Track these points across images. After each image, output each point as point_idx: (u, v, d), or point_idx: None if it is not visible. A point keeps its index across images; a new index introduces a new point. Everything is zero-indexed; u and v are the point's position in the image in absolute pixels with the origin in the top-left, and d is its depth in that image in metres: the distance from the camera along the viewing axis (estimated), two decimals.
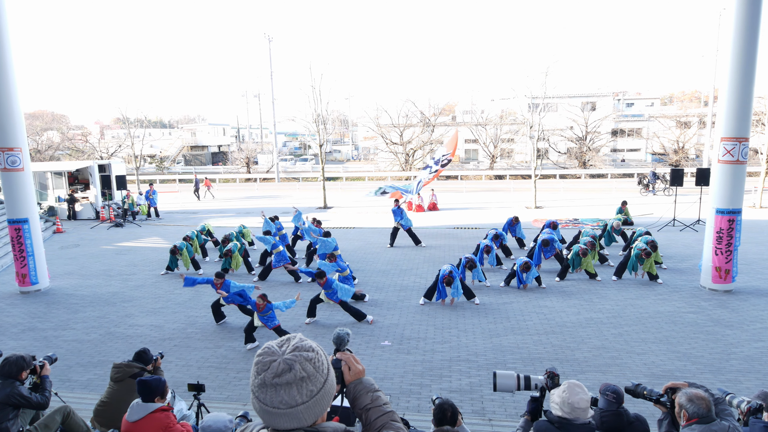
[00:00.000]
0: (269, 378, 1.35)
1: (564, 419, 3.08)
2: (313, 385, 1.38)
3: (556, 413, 3.13)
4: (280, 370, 1.35)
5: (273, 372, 1.35)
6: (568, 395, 3.09)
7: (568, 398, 3.08)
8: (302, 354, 1.39)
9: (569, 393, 3.10)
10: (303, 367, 1.37)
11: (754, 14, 9.31)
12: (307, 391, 1.37)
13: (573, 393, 3.09)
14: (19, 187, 11.10)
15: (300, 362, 1.37)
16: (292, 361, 1.36)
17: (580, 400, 3.06)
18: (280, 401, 1.35)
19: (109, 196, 22.06)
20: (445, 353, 7.79)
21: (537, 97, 25.52)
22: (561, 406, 3.10)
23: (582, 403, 3.06)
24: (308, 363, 1.38)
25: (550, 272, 11.84)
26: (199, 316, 9.62)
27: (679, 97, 68.38)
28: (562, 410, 3.09)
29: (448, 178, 39.32)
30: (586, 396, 3.10)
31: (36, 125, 47.17)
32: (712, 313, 9.16)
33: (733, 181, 9.92)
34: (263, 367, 1.37)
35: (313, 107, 25.79)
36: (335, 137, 68.56)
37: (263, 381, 1.35)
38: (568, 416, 3.06)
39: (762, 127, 25.53)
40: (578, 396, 3.08)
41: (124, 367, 4.81)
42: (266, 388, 1.35)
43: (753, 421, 3.16)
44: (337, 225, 19.35)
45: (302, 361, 1.37)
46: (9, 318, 9.78)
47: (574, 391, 3.10)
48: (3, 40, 10.45)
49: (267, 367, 1.36)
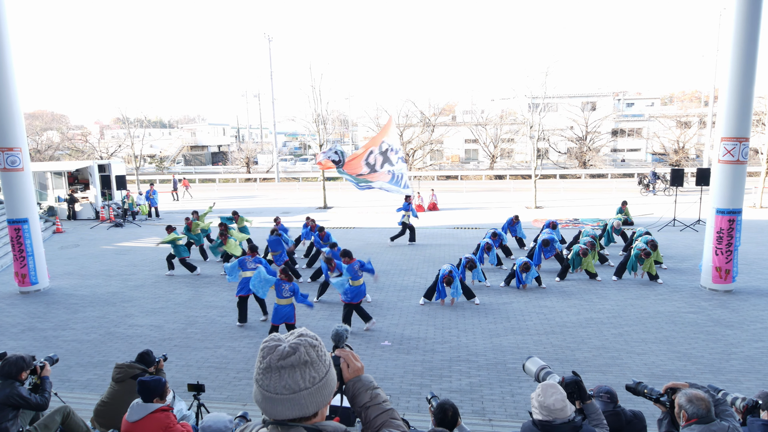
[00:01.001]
0: (274, 360, 1.37)
1: (545, 422, 3.05)
2: (315, 372, 1.40)
3: (537, 417, 3.10)
4: (286, 352, 1.38)
5: (279, 354, 1.38)
6: (543, 398, 3.06)
7: (544, 401, 3.05)
8: (307, 339, 1.43)
9: (544, 396, 3.07)
10: (307, 352, 1.40)
11: (754, 14, 9.31)
12: (310, 377, 1.39)
13: (547, 395, 3.05)
14: (18, 187, 11.09)
15: (305, 346, 1.40)
16: (297, 344, 1.40)
17: (556, 401, 3.03)
18: (284, 386, 1.36)
19: (109, 196, 22.06)
20: (445, 353, 7.78)
21: (537, 97, 25.52)
22: (539, 410, 3.07)
23: (558, 403, 3.02)
24: (312, 349, 1.41)
25: (550, 272, 11.84)
26: (199, 316, 9.61)
27: (680, 97, 68.38)
28: (541, 413, 3.07)
29: (449, 178, 39.33)
30: (560, 395, 3.06)
31: (36, 125, 47.21)
32: (713, 313, 9.15)
33: (733, 181, 9.92)
34: (269, 351, 1.40)
35: (313, 107, 25.82)
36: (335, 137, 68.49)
37: (269, 364, 1.38)
38: (548, 418, 3.04)
39: (762, 127, 25.52)
40: (553, 397, 3.04)
41: (126, 368, 4.80)
42: (271, 372, 1.37)
43: (751, 420, 3.16)
44: (337, 225, 19.36)
45: (307, 345, 1.41)
46: (9, 318, 9.78)
47: (548, 393, 3.06)
48: (3, 40, 10.45)
49: (273, 350, 1.39)
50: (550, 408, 3.03)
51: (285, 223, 15.26)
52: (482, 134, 42.23)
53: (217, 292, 11.09)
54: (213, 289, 11.39)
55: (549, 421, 3.04)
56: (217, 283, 11.88)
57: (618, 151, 46.15)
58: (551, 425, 3.03)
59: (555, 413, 3.03)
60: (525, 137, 41.48)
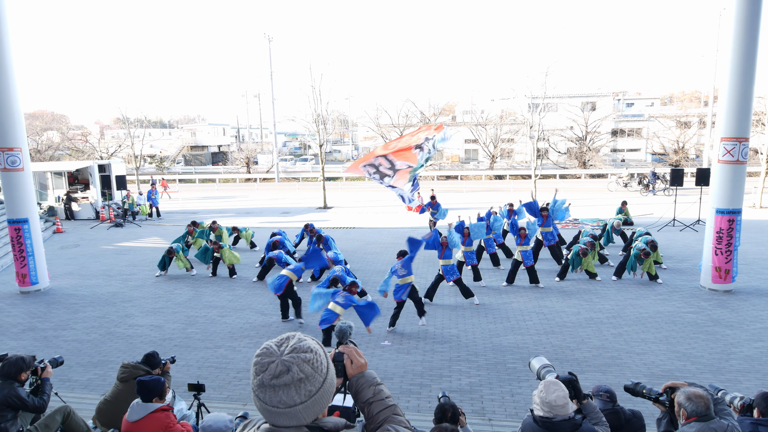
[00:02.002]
0: (267, 379, 1.35)
1: (546, 418, 3.11)
2: (311, 386, 1.38)
3: (538, 413, 3.16)
4: (278, 371, 1.35)
5: (271, 374, 1.35)
6: (545, 394, 3.12)
7: (546, 397, 3.11)
8: (300, 356, 1.38)
9: (546, 392, 3.13)
10: (301, 369, 1.36)
11: (754, 14, 9.31)
12: (306, 391, 1.37)
13: (549, 392, 3.12)
14: (19, 187, 11.10)
15: (298, 364, 1.36)
16: (289, 363, 1.36)
17: (557, 398, 3.08)
18: (279, 401, 1.35)
19: (109, 196, 22.07)
20: (445, 353, 7.79)
21: (537, 97, 25.56)
22: (541, 406, 3.14)
23: (559, 400, 3.08)
24: (306, 364, 1.38)
25: (550, 272, 11.84)
26: (199, 316, 9.62)
27: (679, 97, 68.34)
28: (542, 410, 3.13)
29: (449, 178, 39.33)
30: (562, 392, 3.12)
31: (36, 125, 47.17)
32: (712, 313, 9.16)
33: (733, 181, 9.92)
34: (261, 368, 1.37)
35: (313, 107, 25.82)
36: (335, 137, 68.50)
37: (262, 382, 1.36)
38: (549, 414, 3.09)
39: (762, 127, 25.53)
40: (554, 394, 3.10)
41: (131, 369, 4.79)
42: (265, 389, 1.36)
43: (740, 419, 3.18)
44: (337, 225, 19.36)
45: (300, 362, 1.37)
46: (9, 318, 9.78)
47: (550, 390, 3.12)
48: (3, 40, 10.46)
49: (265, 368, 1.36)
50: (552, 404, 3.06)
51: (285, 223, 15.28)
52: (482, 134, 42.22)
53: (217, 292, 11.10)
54: (213, 289, 11.40)
55: (549, 418, 3.07)
56: (217, 283, 11.88)
57: (618, 151, 46.14)
58: (551, 422, 3.07)
59: (556, 410, 3.06)
60: (525, 137, 41.48)
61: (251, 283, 11.79)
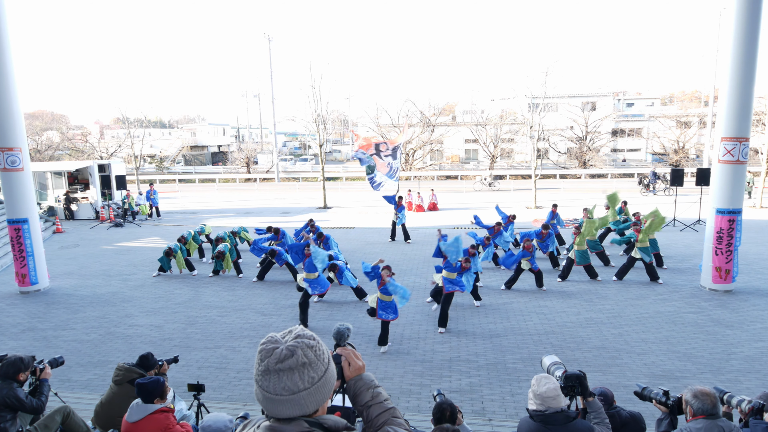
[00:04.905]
0: (272, 364, 1.38)
1: (538, 411, 3.19)
2: (314, 372, 1.41)
3: (531, 407, 3.25)
4: (283, 355, 1.38)
5: (276, 358, 1.38)
6: (537, 387, 3.22)
7: (537, 390, 3.21)
8: (304, 341, 1.43)
9: (537, 385, 3.23)
10: (305, 353, 1.40)
11: (754, 14, 9.31)
12: (309, 377, 1.40)
13: (540, 384, 3.22)
14: (18, 187, 11.09)
15: (302, 348, 1.40)
16: (294, 347, 1.40)
17: (548, 390, 3.18)
18: (283, 387, 1.38)
19: (109, 196, 22.07)
20: (445, 353, 7.78)
21: (537, 97, 25.52)
22: (534, 400, 3.23)
23: (550, 392, 3.18)
24: (310, 350, 1.42)
25: (550, 272, 11.84)
26: (199, 316, 9.61)
27: (679, 97, 68.34)
28: (535, 403, 3.22)
29: (449, 178, 39.32)
30: (553, 385, 3.21)
31: (36, 125, 47.19)
32: (712, 313, 9.15)
33: (733, 181, 9.92)
34: (267, 353, 1.40)
35: (313, 107, 25.82)
36: (335, 137, 68.53)
37: (267, 367, 1.39)
38: (541, 407, 3.18)
39: (762, 127, 25.52)
40: (545, 386, 3.19)
41: (125, 371, 4.77)
42: (269, 375, 1.38)
43: (753, 422, 3.14)
44: (337, 225, 19.35)
45: (304, 347, 1.41)
46: (9, 318, 9.78)
47: (541, 382, 3.23)
48: (3, 40, 10.45)
49: (270, 353, 1.40)
50: (543, 396, 3.14)
51: (284, 223, 15.27)
52: (482, 134, 42.19)
53: (217, 292, 11.09)
54: (213, 289, 11.39)
55: (542, 411, 3.17)
56: (217, 283, 11.88)
57: (618, 151, 46.14)
58: (544, 414, 3.16)
59: (548, 402, 3.13)
60: (525, 137, 41.46)
61: (251, 283, 11.79)
